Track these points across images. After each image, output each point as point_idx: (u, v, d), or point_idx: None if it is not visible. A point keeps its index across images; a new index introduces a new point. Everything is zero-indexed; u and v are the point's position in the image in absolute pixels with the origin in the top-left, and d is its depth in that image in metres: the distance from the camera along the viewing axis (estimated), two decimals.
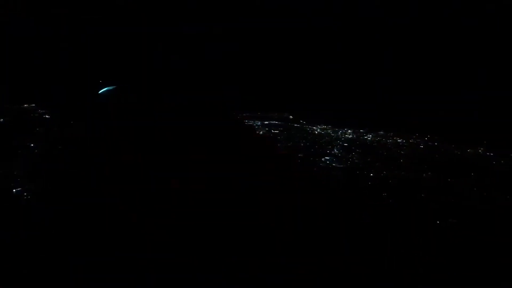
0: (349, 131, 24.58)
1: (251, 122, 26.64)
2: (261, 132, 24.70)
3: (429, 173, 18.05)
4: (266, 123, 26.08)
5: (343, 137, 23.49)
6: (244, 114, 28.61)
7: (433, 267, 9.95)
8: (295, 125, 25.91)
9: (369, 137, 23.87)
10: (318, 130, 24.70)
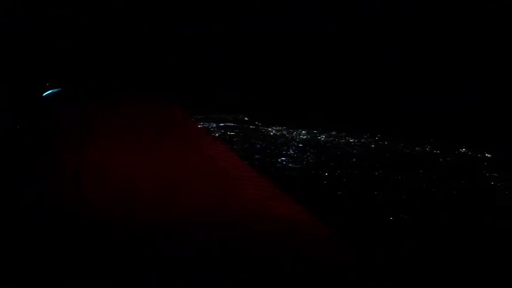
0: (303, 132, 25.05)
1: (206, 124, 26.62)
2: (217, 134, 24.73)
3: (381, 171, 18.71)
4: (221, 125, 26.15)
5: (297, 138, 23.93)
6: (199, 116, 28.54)
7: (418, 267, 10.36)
8: (251, 126, 26.13)
9: (323, 137, 24.43)
10: (274, 132, 25.04)
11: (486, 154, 21.03)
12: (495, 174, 18.67)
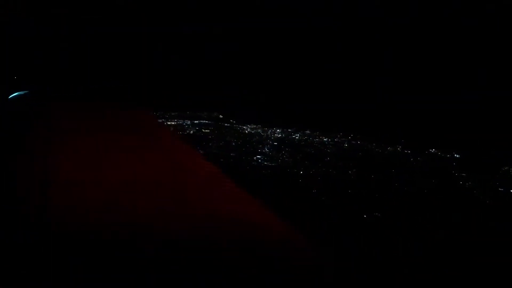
0: (278, 130, 25.11)
1: (180, 121, 26.38)
2: (191, 132, 24.57)
3: (354, 170, 18.95)
4: (196, 122, 25.94)
5: (272, 136, 23.99)
6: (172, 113, 28.25)
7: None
8: (225, 124, 26.01)
9: (297, 136, 24.54)
10: (248, 130, 25.00)
11: (455, 155, 21.59)
12: (464, 174, 19.20)
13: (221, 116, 27.74)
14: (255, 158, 19.61)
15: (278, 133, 24.58)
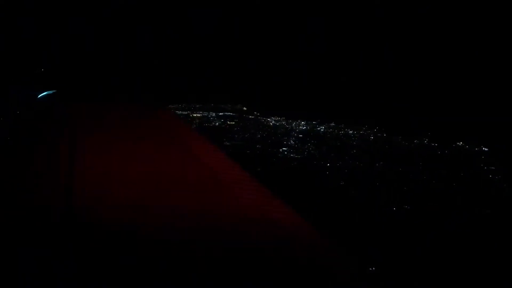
0: (302, 122, 25.13)
1: (205, 114, 26.68)
2: (216, 124, 24.82)
3: (381, 162, 18.88)
4: (221, 115, 26.17)
5: (297, 129, 24.04)
6: (197, 105, 28.58)
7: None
8: (250, 116, 26.18)
9: (322, 128, 24.54)
10: (273, 122, 25.12)
11: (483, 148, 21.28)
12: (493, 168, 18.93)
13: (245, 108, 27.90)
14: (281, 150, 19.71)
15: (302, 125, 24.61)
